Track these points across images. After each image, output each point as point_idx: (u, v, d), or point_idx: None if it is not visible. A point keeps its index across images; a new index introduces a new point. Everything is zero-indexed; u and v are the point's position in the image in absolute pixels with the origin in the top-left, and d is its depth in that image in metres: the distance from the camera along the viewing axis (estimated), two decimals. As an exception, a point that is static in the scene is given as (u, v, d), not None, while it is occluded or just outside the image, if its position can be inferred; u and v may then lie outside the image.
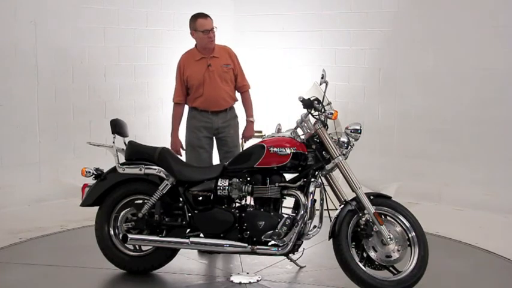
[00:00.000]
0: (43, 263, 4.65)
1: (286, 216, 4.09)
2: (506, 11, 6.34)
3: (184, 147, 5.19)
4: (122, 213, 4.37)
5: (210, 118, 5.09)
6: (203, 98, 5.06)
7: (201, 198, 4.26)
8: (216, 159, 5.22)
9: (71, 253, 4.88)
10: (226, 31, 7.88)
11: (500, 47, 6.36)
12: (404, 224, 4.06)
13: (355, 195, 4.06)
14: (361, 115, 7.00)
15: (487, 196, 6.35)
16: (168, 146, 5.15)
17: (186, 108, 5.25)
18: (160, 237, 4.24)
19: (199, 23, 4.99)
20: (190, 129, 5.13)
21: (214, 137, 5.16)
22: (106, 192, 4.38)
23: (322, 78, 4.22)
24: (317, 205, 4.15)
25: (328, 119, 4.17)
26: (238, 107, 5.34)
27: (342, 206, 4.11)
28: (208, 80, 5.03)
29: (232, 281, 4.28)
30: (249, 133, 5.30)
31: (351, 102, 7.26)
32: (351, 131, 4.13)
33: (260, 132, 5.41)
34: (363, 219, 4.01)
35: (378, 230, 3.98)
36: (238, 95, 5.31)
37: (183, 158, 5.13)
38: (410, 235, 4.04)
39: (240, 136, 5.37)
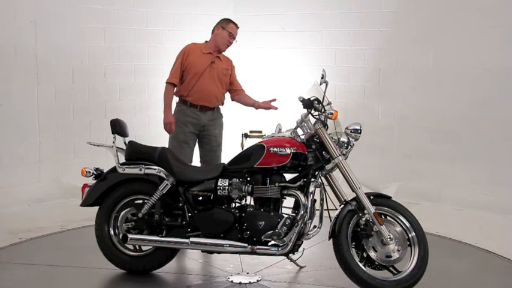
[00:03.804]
0: (43, 263, 4.64)
1: (286, 216, 4.09)
2: (506, 11, 6.34)
3: (169, 140, 5.22)
4: (122, 213, 4.36)
5: (197, 114, 5.17)
6: (194, 90, 5.13)
7: (201, 198, 4.26)
8: (196, 156, 5.32)
9: (71, 253, 4.87)
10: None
11: (500, 46, 6.36)
12: (404, 224, 4.06)
13: (355, 195, 4.06)
14: (361, 115, 7.00)
15: (487, 196, 6.35)
16: (167, 145, 5.16)
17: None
18: (160, 237, 4.23)
19: (231, 27, 5.29)
20: (177, 124, 5.17)
21: (199, 134, 5.23)
22: (106, 192, 4.37)
23: (322, 78, 4.23)
24: (317, 205, 4.15)
25: (328, 119, 4.17)
26: (223, 109, 5.41)
27: (342, 206, 4.11)
28: (208, 74, 5.15)
29: (232, 281, 4.28)
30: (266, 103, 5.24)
31: (351, 102, 7.26)
32: (351, 131, 4.13)
33: (260, 132, 5.41)
34: (363, 219, 4.01)
35: (378, 230, 3.98)
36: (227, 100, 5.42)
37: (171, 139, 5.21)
38: (410, 235, 4.04)
39: (241, 134, 5.42)
